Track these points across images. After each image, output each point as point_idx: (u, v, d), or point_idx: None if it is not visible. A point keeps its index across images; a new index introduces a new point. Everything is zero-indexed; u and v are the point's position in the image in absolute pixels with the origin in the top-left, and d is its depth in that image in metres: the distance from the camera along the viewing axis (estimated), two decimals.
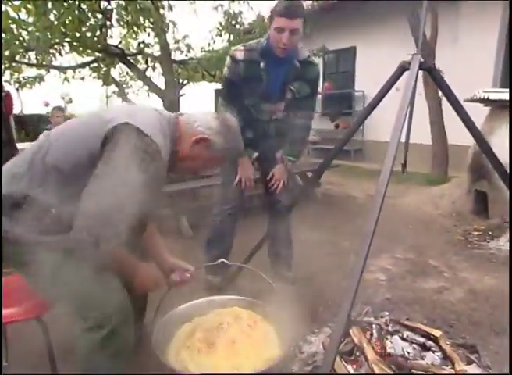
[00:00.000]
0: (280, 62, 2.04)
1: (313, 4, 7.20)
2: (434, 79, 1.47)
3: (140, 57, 7.10)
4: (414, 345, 1.70)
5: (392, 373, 1.43)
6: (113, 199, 1.09)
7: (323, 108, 9.45)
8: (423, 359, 1.61)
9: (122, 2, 4.92)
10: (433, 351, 1.65)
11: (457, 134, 5.82)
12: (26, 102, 12.65)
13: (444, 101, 5.89)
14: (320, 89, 9.19)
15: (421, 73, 1.45)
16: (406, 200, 5.05)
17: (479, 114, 3.55)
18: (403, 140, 1.62)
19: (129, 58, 6.82)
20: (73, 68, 7.18)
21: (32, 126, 8.64)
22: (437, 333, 1.70)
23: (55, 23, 4.51)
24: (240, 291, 2.24)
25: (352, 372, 1.50)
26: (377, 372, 1.44)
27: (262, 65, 2.03)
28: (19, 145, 3.60)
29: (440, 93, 6.01)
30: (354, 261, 1.18)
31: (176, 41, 6.68)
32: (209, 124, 1.35)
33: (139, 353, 1.46)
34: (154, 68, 7.37)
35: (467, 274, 2.67)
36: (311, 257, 2.99)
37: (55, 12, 4.42)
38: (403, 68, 1.44)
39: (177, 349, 1.44)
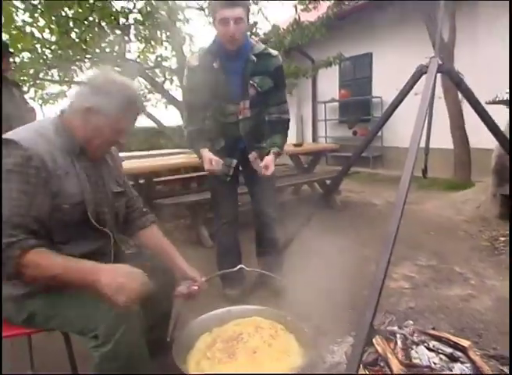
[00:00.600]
0: (234, 58, 2.03)
1: (328, 12, 7.21)
2: (453, 81, 1.44)
3: (157, 70, 7.22)
4: (441, 356, 1.64)
5: None
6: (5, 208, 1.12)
7: (340, 116, 9.40)
8: (451, 371, 1.55)
9: (140, 18, 5.04)
10: (462, 363, 1.59)
11: (479, 138, 5.72)
12: None
13: (465, 103, 5.79)
14: (336, 96, 9.18)
15: (439, 76, 1.42)
16: (427, 206, 4.95)
17: (502, 116, 3.46)
18: (422, 144, 1.59)
19: (147, 71, 6.96)
20: None
21: None
22: (465, 343, 1.63)
23: (77, 40, 4.66)
24: (260, 301, 2.24)
25: None
26: None
27: (216, 65, 2.02)
28: None
29: (460, 96, 5.93)
30: (376, 269, 1.15)
31: (193, 54, 6.79)
32: (79, 94, 1.29)
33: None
34: (171, 80, 7.50)
35: (495, 281, 2.57)
36: (331, 265, 2.95)
37: (76, 30, 4.57)
38: (421, 72, 1.42)
39: (197, 359, 1.43)
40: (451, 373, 1.52)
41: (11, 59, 3.15)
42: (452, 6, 5.82)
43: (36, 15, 4.23)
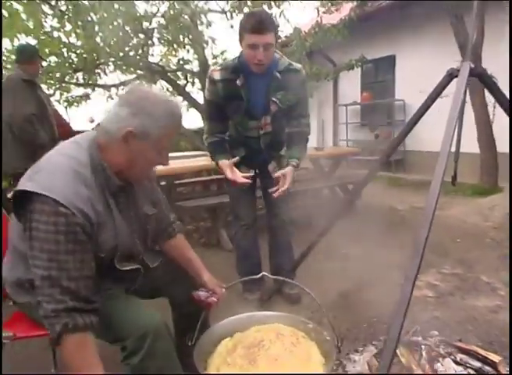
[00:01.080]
0: (258, 76, 2.00)
1: (350, 14, 7.14)
2: (486, 85, 1.39)
3: (179, 73, 7.32)
4: (469, 370, 1.59)
5: None
6: (48, 267, 1.05)
7: (362, 119, 9.29)
8: None
9: (163, 21, 5.11)
10: None
11: (507, 142, 5.54)
12: (74, 119, 13.35)
13: (492, 107, 5.63)
14: (358, 99, 9.08)
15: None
16: (452, 211, 4.82)
17: None
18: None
19: (169, 74, 7.06)
20: (117, 86, 7.52)
21: None
22: (496, 358, 1.57)
23: (101, 44, 4.76)
24: (278, 306, 2.22)
25: None
26: None
27: (239, 82, 1.99)
28: None
29: (488, 99, 5.76)
30: (404, 281, 1.11)
31: (214, 57, 6.85)
32: (116, 115, 1.15)
33: None
34: (193, 83, 7.59)
35: None
36: (352, 271, 2.90)
37: (100, 34, 4.67)
38: (451, 75, 1.38)
39: (218, 365, 1.42)
40: None
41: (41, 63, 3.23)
42: (481, 7, 5.69)
43: (63, 21, 4.34)
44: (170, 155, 1.35)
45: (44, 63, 4.96)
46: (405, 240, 3.69)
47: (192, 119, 8.22)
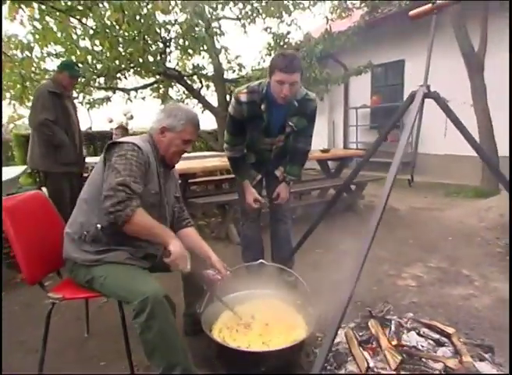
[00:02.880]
0: (279, 104, 2.31)
1: (359, 21, 7.41)
2: (440, 106, 1.69)
3: (195, 77, 7.70)
4: (429, 341, 1.89)
5: (400, 357, 1.64)
6: (122, 169, 1.58)
7: (372, 122, 9.52)
8: (435, 353, 1.80)
9: (180, 31, 5.49)
10: (446, 347, 1.84)
11: (507, 146, 5.75)
12: (95, 120, 13.91)
13: (493, 111, 5.84)
14: (368, 102, 9.32)
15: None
16: (450, 213, 5.06)
17: None
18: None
19: (185, 78, 7.45)
20: (136, 89, 7.96)
21: (100, 141, 9.57)
22: (451, 330, 1.88)
23: (123, 53, 5.17)
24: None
25: (368, 357, 1.74)
26: (388, 357, 1.67)
27: (263, 107, 2.32)
28: (88, 159, 4.17)
29: (489, 104, 5.97)
30: (356, 257, 1.43)
31: (229, 62, 7.21)
32: (158, 119, 1.80)
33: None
34: (208, 87, 7.97)
35: (499, 284, 2.75)
36: (346, 264, 3.20)
37: (122, 44, 5.07)
38: (412, 97, 1.69)
39: (220, 328, 1.78)
40: (433, 353, 1.77)
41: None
42: (484, 15, 5.89)
43: (93, 39, 4.76)
44: (185, 155, 1.83)
45: None
46: (399, 237, 4.00)
47: (206, 121, 8.59)
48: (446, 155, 7.50)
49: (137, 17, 4.86)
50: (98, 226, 1.65)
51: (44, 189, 3.47)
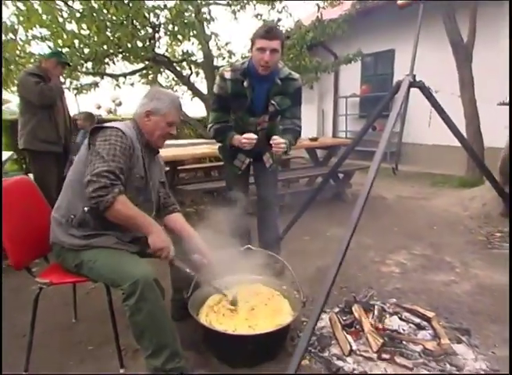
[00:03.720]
0: (262, 80, 2.34)
1: (350, 9, 7.38)
2: (424, 95, 1.72)
3: (184, 64, 7.61)
4: (411, 324, 1.96)
5: (382, 340, 1.70)
6: (105, 154, 1.59)
7: (361, 111, 9.56)
8: (415, 336, 1.87)
9: (170, 16, 5.40)
10: (426, 330, 1.90)
11: (494, 137, 5.84)
12: (83, 106, 13.67)
13: (480, 102, 5.91)
14: (358, 91, 9.34)
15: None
16: (436, 202, 5.16)
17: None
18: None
19: (174, 65, 7.35)
20: (124, 75, 7.82)
21: None
22: (430, 314, 1.95)
23: (111, 38, 5.07)
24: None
25: (351, 340, 1.79)
26: (370, 340, 1.73)
27: (245, 83, 2.34)
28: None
29: (476, 95, 6.04)
30: (340, 242, 1.47)
31: (219, 48, 7.13)
32: (141, 103, 1.81)
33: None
34: (197, 74, 7.88)
35: (479, 271, 2.83)
36: (332, 251, 3.26)
37: (111, 29, 4.97)
38: (398, 86, 1.71)
39: (207, 312, 1.81)
40: (414, 336, 1.84)
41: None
42: (473, 7, 5.91)
43: (80, 22, 4.66)
44: (173, 142, 1.84)
45: None
46: (385, 225, 4.07)
47: (196, 109, 8.52)
48: (434, 146, 7.60)
49: (125, 1, 4.77)
50: (85, 209, 1.66)
51: (30, 175, 3.44)
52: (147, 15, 5.18)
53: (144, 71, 7.76)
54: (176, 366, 1.56)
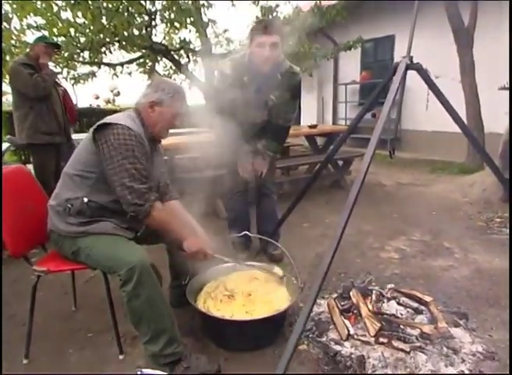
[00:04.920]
0: (261, 76, 2.31)
1: None
2: (422, 77, 1.70)
3: (182, 52, 7.53)
4: (408, 309, 1.96)
5: (379, 324, 1.71)
6: (127, 162, 1.58)
7: (361, 98, 9.48)
8: (413, 320, 1.87)
9: (166, 4, 5.32)
10: (424, 314, 1.91)
11: (495, 123, 5.80)
12: (80, 96, 13.59)
13: (481, 88, 5.85)
14: (358, 78, 9.25)
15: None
16: (436, 188, 5.15)
17: None
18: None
19: (172, 53, 7.28)
20: (122, 64, 7.76)
21: (86, 118, 9.41)
22: (428, 298, 1.95)
23: (107, 26, 5.01)
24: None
25: (348, 325, 1.80)
26: (368, 325, 1.73)
27: (246, 79, 2.32)
28: (74, 136, 4.08)
29: (477, 80, 5.98)
30: (336, 227, 1.46)
31: (217, 36, 7.06)
32: (145, 94, 1.76)
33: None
34: (195, 62, 7.82)
35: (478, 256, 2.84)
36: (331, 237, 3.26)
37: (106, 16, 4.91)
38: (395, 69, 1.68)
39: (204, 298, 1.82)
40: (411, 320, 1.85)
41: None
42: None
43: (75, 9, 4.59)
44: (171, 131, 1.80)
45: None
46: (384, 212, 4.07)
47: (194, 97, 8.46)
48: (434, 132, 7.55)
49: None
50: (85, 199, 1.65)
51: (29, 166, 3.42)
52: (142, 2, 5.11)
53: (142, 60, 7.69)
54: (174, 351, 1.57)
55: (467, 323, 1.93)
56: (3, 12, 4.80)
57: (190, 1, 4.99)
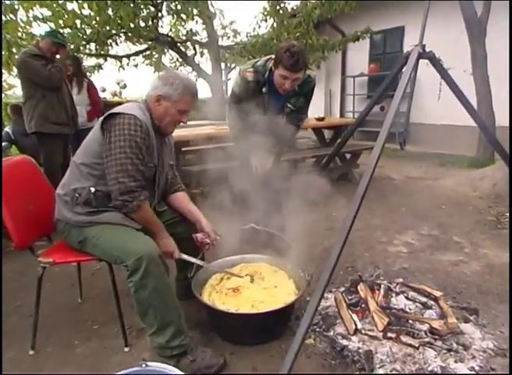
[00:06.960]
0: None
1: None
2: (435, 67, 1.64)
3: (188, 44, 7.48)
4: (417, 304, 1.93)
5: (388, 319, 1.68)
6: (124, 157, 1.56)
7: (369, 90, 9.35)
8: (422, 315, 1.84)
9: None
10: (432, 309, 1.87)
11: (507, 116, 5.67)
12: None
13: (492, 80, 5.73)
14: (366, 70, 9.13)
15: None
16: (445, 182, 5.07)
17: None
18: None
19: (178, 45, 7.23)
20: (128, 56, 7.74)
21: None
22: (437, 293, 1.91)
23: (113, 17, 4.97)
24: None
25: (356, 319, 1.78)
26: (376, 319, 1.70)
27: (265, 89, 2.34)
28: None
29: (490, 72, 5.85)
30: (344, 221, 1.43)
31: (223, 27, 7.01)
32: (154, 86, 1.72)
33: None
34: (202, 54, 7.76)
35: (488, 250, 2.78)
36: (338, 231, 3.23)
37: (112, 7, 4.87)
38: (406, 58, 1.63)
39: (209, 291, 1.80)
40: (420, 315, 1.81)
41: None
42: None
43: (81, 1, 4.56)
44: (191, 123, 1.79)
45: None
46: (393, 206, 4.02)
47: (200, 89, 8.42)
48: (443, 125, 7.43)
49: None
50: (92, 189, 1.64)
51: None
52: None
53: (148, 52, 7.67)
54: (180, 343, 1.56)
55: (478, 318, 1.89)
56: (9, 3, 4.78)
57: None
